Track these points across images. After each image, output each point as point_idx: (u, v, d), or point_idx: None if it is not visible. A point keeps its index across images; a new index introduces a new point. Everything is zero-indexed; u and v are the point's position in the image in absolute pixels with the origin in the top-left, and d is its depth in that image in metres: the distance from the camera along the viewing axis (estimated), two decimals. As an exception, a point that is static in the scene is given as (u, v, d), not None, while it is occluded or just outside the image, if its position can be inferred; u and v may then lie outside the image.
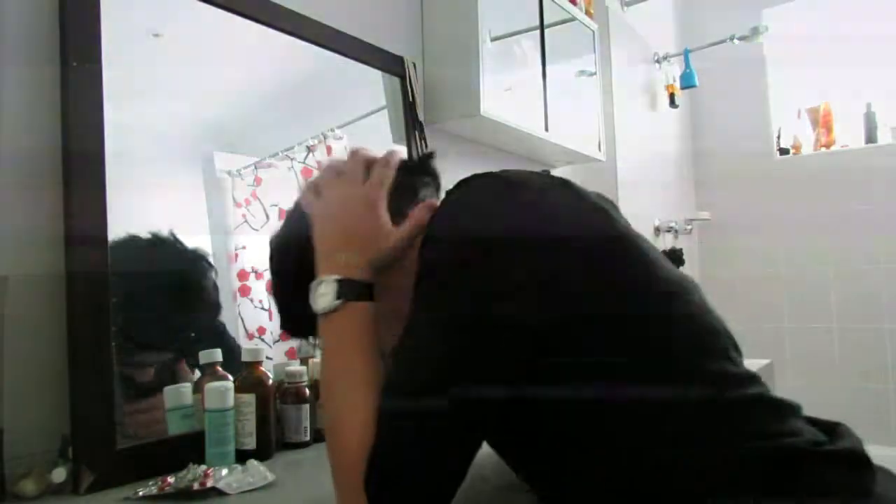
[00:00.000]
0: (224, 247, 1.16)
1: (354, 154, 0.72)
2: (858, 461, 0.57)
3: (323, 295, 0.64)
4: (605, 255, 0.61)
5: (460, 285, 0.57)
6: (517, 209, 0.60)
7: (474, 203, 0.61)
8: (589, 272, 0.58)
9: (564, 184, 0.66)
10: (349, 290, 0.64)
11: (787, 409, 0.61)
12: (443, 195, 0.68)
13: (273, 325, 1.20)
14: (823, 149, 3.02)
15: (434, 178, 0.76)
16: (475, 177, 0.65)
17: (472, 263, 0.57)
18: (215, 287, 1.07)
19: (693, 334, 0.61)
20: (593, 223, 0.63)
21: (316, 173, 0.74)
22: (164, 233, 1.00)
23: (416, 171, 0.75)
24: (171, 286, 1.02)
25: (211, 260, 1.08)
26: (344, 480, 0.58)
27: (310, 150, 1.31)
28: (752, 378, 0.61)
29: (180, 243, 1.02)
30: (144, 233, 0.97)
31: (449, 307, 0.57)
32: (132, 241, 0.94)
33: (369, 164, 0.71)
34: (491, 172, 0.65)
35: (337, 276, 0.64)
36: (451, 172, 1.04)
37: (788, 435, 0.57)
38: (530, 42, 1.73)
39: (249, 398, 0.93)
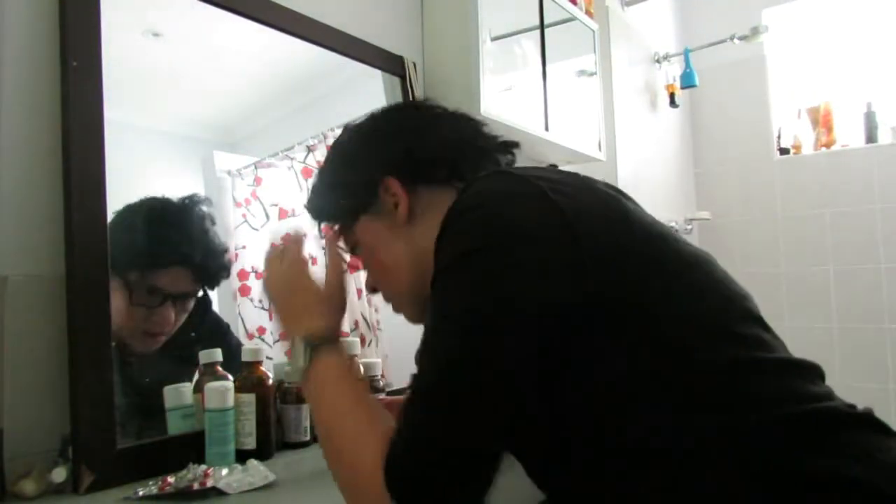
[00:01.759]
0: (224, 247, 1.16)
1: (272, 247, 0.81)
2: (881, 424, 0.59)
3: (298, 356, 0.70)
4: (624, 231, 0.61)
5: (477, 275, 0.57)
6: (528, 197, 0.60)
7: (484, 195, 0.62)
8: (609, 250, 0.58)
9: (572, 174, 0.67)
10: (316, 349, 0.70)
11: (816, 373, 0.62)
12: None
13: (273, 325, 1.20)
14: (823, 149, 3.02)
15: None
16: (485, 174, 0.66)
17: (489, 252, 0.57)
18: (212, 220, 1.07)
19: (724, 299, 0.62)
20: (608, 204, 0.63)
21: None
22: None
23: (500, 150, 0.79)
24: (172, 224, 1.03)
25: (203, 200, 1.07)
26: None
27: (310, 149, 1.31)
28: (781, 345, 0.63)
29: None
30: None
31: (466, 298, 0.57)
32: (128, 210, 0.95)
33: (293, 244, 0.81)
34: (499, 169, 0.65)
35: (303, 336, 0.71)
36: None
37: (825, 398, 0.59)
38: (530, 42, 1.73)
39: (249, 398, 0.93)
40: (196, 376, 0.98)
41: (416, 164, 0.74)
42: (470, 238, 0.59)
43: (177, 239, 0.98)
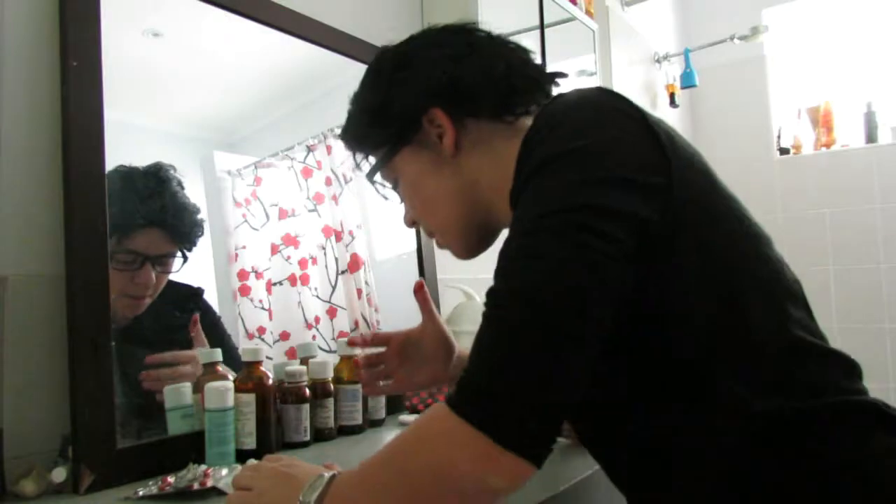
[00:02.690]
0: (224, 247, 1.16)
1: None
2: None
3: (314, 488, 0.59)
4: (706, 178, 0.60)
5: (576, 175, 0.54)
6: (627, 115, 0.59)
7: (583, 102, 0.60)
8: (693, 188, 0.57)
9: None
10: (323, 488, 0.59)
11: (857, 369, 0.62)
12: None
13: (273, 325, 1.20)
14: (823, 149, 3.02)
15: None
16: (582, 88, 0.64)
17: (586, 154, 0.55)
18: (180, 184, 1.06)
19: (779, 277, 0.61)
20: (696, 153, 0.62)
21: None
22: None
23: (549, 80, 0.75)
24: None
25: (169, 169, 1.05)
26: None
27: (310, 149, 1.31)
28: (824, 336, 0.62)
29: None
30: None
31: (565, 198, 0.53)
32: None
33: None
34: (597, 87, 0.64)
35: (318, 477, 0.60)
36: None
37: (862, 394, 0.59)
38: (530, 42, 1.73)
39: (249, 398, 0.93)
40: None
41: (462, 96, 0.70)
42: (566, 139, 0.56)
43: (148, 201, 0.99)
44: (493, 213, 0.71)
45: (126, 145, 0.95)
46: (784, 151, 3.10)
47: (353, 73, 1.38)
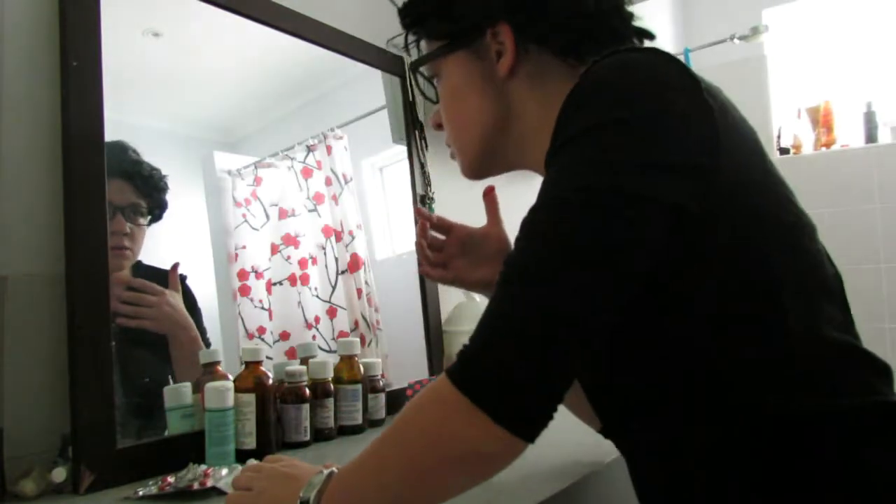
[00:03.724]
0: (224, 247, 1.16)
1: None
2: None
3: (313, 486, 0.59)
4: (755, 157, 0.58)
5: (613, 153, 0.51)
6: (680, 88, 0.54)
7: (632, 71, 0.55)
8: (741, 171, 0.55)
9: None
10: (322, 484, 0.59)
11: (888, 372, 0.59)
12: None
13: (273, 325, 1.20)
14: (823, 148, 3.03)
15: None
16: (635, 48, 0.60)
17: (628, 131, 0.52)
18: (135, 151, 1.05)
19: (818, 273, 0.59)
20: (749, 130, 0.60)
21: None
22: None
23: (632, 36, 0.70)
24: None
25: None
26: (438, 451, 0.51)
27: (310, 149, 1.31)
28: (858, 336, 0.60)
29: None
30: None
31: (595, 176, 0.51)
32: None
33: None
34: (650, 47, 0.60)
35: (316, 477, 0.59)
36: (451, 174, 1.04)
37: (889, 396, 0.57)
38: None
39: (249, 398, 0.93)
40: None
41: (538, 22, 0.65)
42: (610, 107, 0.53)
43: (109, 157, 0.99)
44: (515, 150, 0.70)
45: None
46: (784, 151, 3.10)
47: (353, 73, 1.38)
